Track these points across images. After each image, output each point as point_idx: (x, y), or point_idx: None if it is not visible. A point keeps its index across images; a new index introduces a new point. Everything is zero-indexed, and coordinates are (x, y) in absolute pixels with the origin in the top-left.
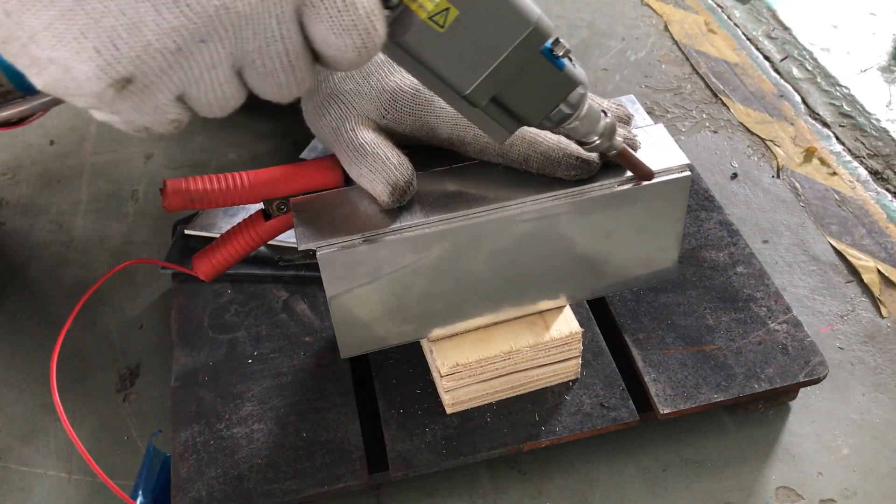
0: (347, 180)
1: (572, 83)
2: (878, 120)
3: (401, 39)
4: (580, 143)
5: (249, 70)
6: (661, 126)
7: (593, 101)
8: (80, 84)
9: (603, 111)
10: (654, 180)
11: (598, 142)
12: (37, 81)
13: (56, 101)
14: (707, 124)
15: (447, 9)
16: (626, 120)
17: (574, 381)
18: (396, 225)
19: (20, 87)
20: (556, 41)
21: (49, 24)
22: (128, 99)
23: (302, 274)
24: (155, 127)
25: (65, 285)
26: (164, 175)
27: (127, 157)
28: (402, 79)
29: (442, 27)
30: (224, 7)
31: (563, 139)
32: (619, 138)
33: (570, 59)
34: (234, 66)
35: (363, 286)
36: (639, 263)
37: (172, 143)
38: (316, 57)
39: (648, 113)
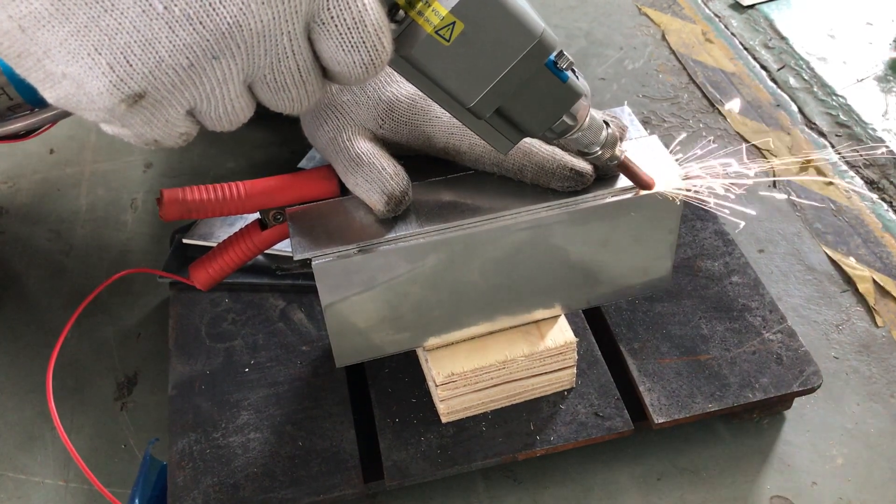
0: (343, 190)
1: (575, 95)
2: (874, 130)
3: (407, 53)
4: (582, 154)
5: (261, 85)
6: (655, 137)
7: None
8: (93, 99)
9: (605, 122)
10: (653, 190)
11: (599, 152)
12: (49, 96)
13: (63, 115)
14: (704, 134)
15: (453, 23)
16: (621, 133)
17: (569, 391)
18: (392, 235)
19: (30, 100)
20: (560, 53)
21: (64, 40)
22: (139, 114)
23: (299, 283)
24: (165, 140)
25: (63, 294)
26: (163, 184)
27: (126, 166)
28: (399, 89)
29: (448, 41)
30: (237, 24)
31: (557, 150)
32: (620, 149)
33: (574, 71)
34: (245, 82)
35: (358, 296)
36: (633, 273)
37: (171, 152)
38: (324, 72)
39: (645, 122)
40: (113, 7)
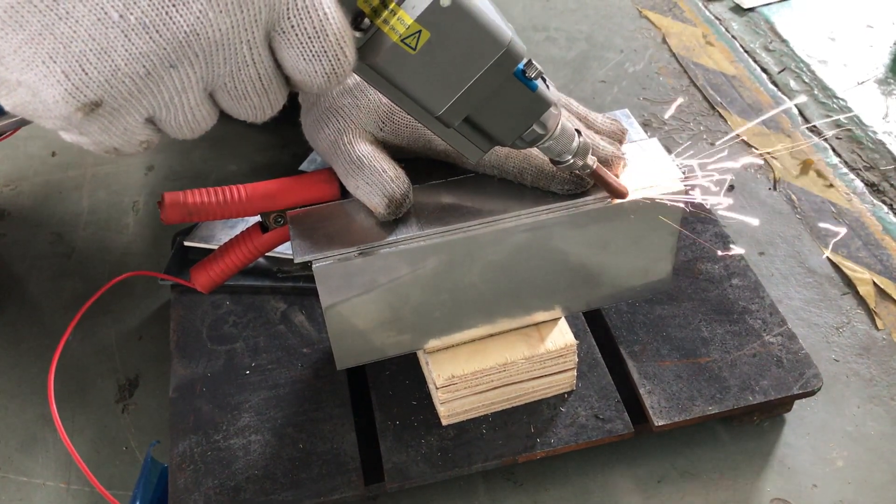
0: (344, 193)
1: (545, 104)
2: (874, 132)
3: (372, 62)
4: (554, 163)
5: (221, 93)
6: (655, 140)
7: (588, 115)
8: (49, 107)
9: (577, 130)
10: (626, 199)
11: (571, 161)
12: (5, 103)
13: (24, 122)
14: (704, 136)
15: (419, 31)
16: (620, 136)
17: (569, 393)
18: (392, 238)
19: None
20: (529, 63)
21: (18, 48)
22: (96, 122)
23: (300, 285)
24: (124, 148)
25: (65, 296)
26: (165, 186)
27: (127, 169)
28: None
29: (414, 49)
30: (194, 33)
31: None
32: (592, 158)
33: (544, 80)
34: (205, 90)
35: (359, 298)
36: (633, 275)
37: (173, 154)
38: (287, 80)
39: (645, 125)
40: (67, 15)
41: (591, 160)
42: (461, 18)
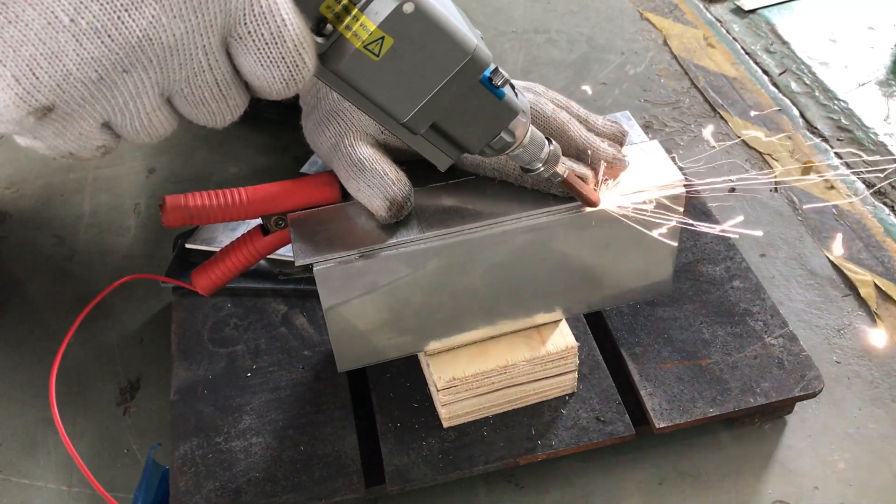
0: (345, 196)
1: (512, 112)
2: (875, 134)
3: (335, 67)
4: (525, 171)
5: (179, 98)
6: (656, 142)
7: (589, 117)
8: (0, 111)
9: (547, 139)
10: (597, 207)
11: (541, 169)
12: None
13: None
14: (705, 138)
15: (382, 38)
16: (621, 138)
17: (570, 395)
18: (393, 240)
19: None
20: (496, 70)
21: None
22: (49, 126)
23: (301, 287)
24: (81, 153)
25: (66, 299)
26: (166, 189)
27: (129, 171)
28: None
29: (377, 56)
30: (147, 38)
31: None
32: (563, 166)
33: (512, 88)
34: (161, 95)
35: (360, 301)
36: (634, 277)
37: (175, 157)
38: (245, 85)
39: (647, 127)
40: (17, 18)
41: (562, 168)
42: (425, 25)
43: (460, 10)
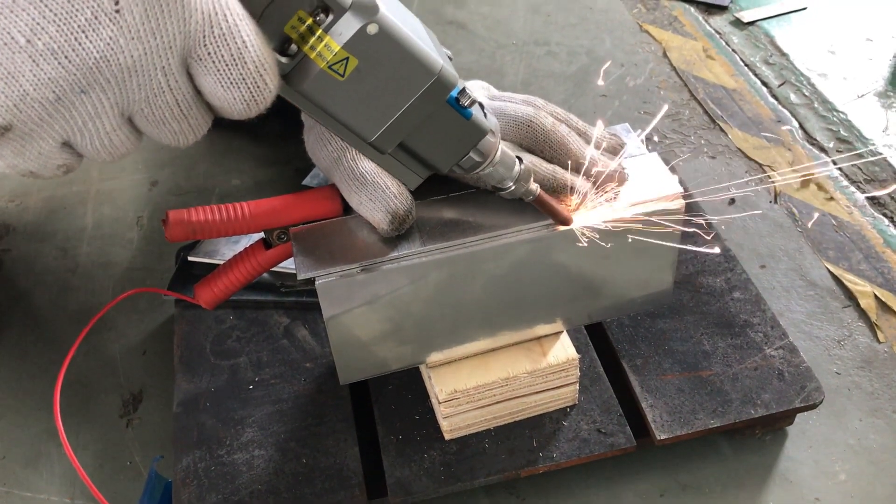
0: (347, 210)
1: (480, 132)
2: (874, 145)
3: (300, 87)
4: (496, 189)
5: (140, 118)
6: (655, 155)
7: (588, 130)
8: None
9: (518, 157)
10: (570, 226)
11: (512, 187)
12: None
13: None
14: (705, 150)
15: (346, 58)
16: (617, 150)
17: (572, 407)
18: (395, 254)
19: None
20: (463, 91)
21: None
22: (8, 145)
23: (303, 300)
24: (41, 171)
25: (70, 311)
26: (169, 201)
27: (132, 184)
28: None
29: (342, 76)
30: (104, 59)
31: (557, 169)
32: (535, 184)
33: (481, 108)
34: (122, 115)
35: (362, 314)
36: (634, 288)
37: (177, 170)
38: (208, 105)
39: (646, 139)
40: None
41: (535, 186)
42: (389, 46)
43: (428, 31)
